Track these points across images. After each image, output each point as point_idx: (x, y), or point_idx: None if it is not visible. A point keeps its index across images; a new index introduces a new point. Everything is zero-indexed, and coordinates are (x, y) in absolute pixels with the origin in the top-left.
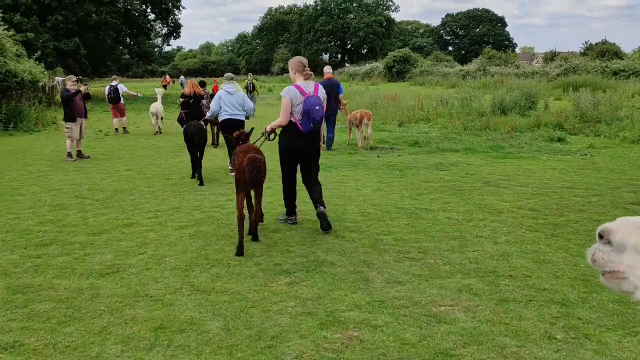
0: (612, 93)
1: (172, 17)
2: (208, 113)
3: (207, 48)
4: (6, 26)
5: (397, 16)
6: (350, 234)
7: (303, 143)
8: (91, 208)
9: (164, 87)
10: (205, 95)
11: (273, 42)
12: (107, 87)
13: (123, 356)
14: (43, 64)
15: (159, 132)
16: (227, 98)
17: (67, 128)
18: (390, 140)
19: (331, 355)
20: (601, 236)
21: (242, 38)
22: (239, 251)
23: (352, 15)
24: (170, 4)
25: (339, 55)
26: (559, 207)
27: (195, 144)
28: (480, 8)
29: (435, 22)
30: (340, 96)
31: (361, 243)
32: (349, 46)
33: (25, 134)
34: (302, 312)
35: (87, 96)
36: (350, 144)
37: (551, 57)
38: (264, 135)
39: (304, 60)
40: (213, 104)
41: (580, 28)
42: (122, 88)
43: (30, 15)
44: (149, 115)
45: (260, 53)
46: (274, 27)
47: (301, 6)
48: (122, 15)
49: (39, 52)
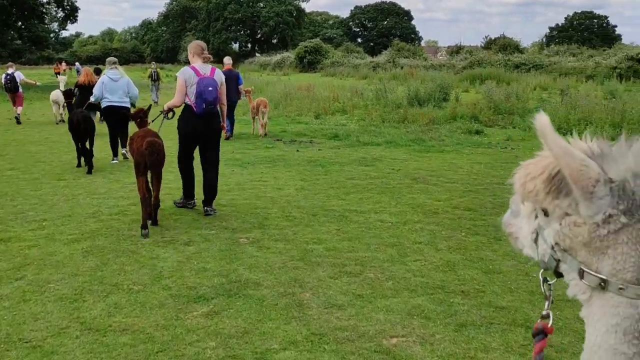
0: (517, 85)
1: (68, 0)
2: (92, 98)
3: (109, 34)
4: None
5: (307, 7)
6: (275, 245)
7: (198, 124)
8: None
9: (57, 75)
10: None
11: (180, 30)
12: (4, 76)
13: None
14: None
15: (62, 121)
16: (111, 85)
17: None
18: (308, 133)
19: None
20: None
21: (147, 25)
22: (144, 224)
23: (262, 4)
24: None
25: (249, 44)
26: (495, 206)
27: (80, 133)
28: (387, 1)
29: (344, 14)
30: (240, 87)
31: (289, 255)
32: (259, 35)
33: None
34: (226, 357)
35: None
36: (254, 134)
37: (456, 51)
38: (162, 113)
39: (203, 44)
40: (96, 89)
41: (480, 23)
42: (20, 76)
43: None
44: (50, 103)
45: (166, 41)
46: (181, 14)
47: None
48: None
49: None
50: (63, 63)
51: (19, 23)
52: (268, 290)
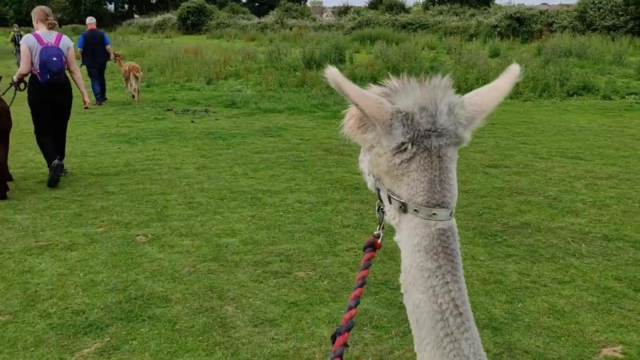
0: (406, 45)
1: None
2: None
3: None
4: None
5: None
6: (181, 241)
7: (46, 95)
8: None
9: None
10: None
11: None
12: None
13: None
14: None
15: None
16: None
17: None
18: (201, 100)
19: None
20: None
21: None
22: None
23: None
24: None
25: (126, 5)
26: None
27: None
28: None
29: None
30: (108, 47)
31: (199, 254)
32: None
33: None
34: None
35: None
36: (128, 101)
37: (344, 11)
38: (13, 85)
39: (47, 9)
40: None
41: None
42: None
43: None
44: None
45: (30, 1)
46: None
47: None
48: None
49: None
50: None
51: None
52: (179, 306)
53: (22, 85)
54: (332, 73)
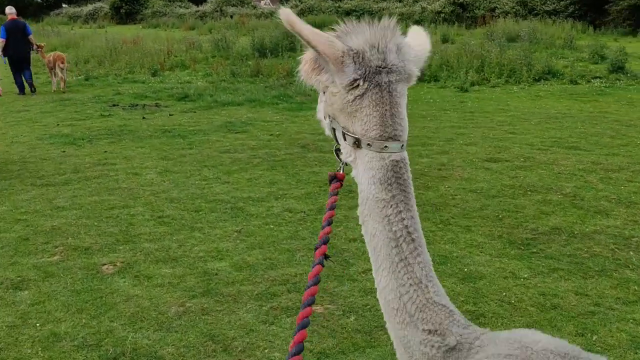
0: None
1: None
2: None
3: None
4: None
5: None
6: (158, 270)
7: None
8: None
9: None
10: None
11: None
12: None
13: None
14: None
15: None
16: None
17: None
18: (149, 94)
19: None
20: None
21: None
22: None
23: None
24: None
25: None
26: (417, 175)
27: None
28: None
29: None
30: (30, 37)
31: (186, 288)
32: None
33: None
34: None
35: None
36: (55, 91)
37: None
38: None
39: None
40: None
41: None
42: None
43: None
44: None
45: None
46: None
47: None
48: None
49: None
50: None
51: None
52: None
53: None
54: (286, 12)
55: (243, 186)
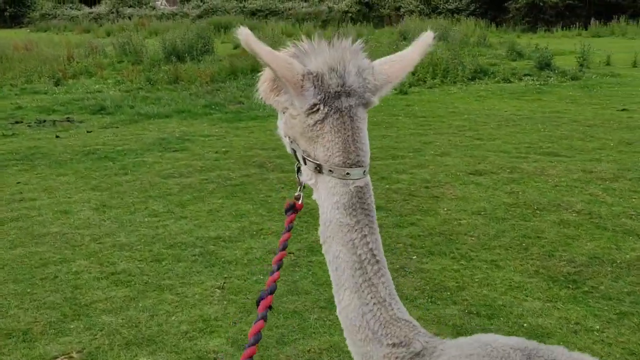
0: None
1: None
2: None
3: None
4: None
5: None
6: (134, 359)
7: None
8: None
9: None
10: None
11: None
12: None
13: None
14: None
15: None
16: None
17: None
18: (57, 107)
19: None
20: None
21: None
22: None
23: None
24: None
25: None
26: (405, 196)
27: None
28: None
29: None
30: None
31: None
32: None
33: None
34: None
35: None
36: None
37: None
38: None
39: None
40: None
41: None
42: None
43: None
44: None
45: None
46: None
47: None
48: None
49: None
50: None
51: None
52: None
53: None
54: (245, 33)
55: (205, 222)
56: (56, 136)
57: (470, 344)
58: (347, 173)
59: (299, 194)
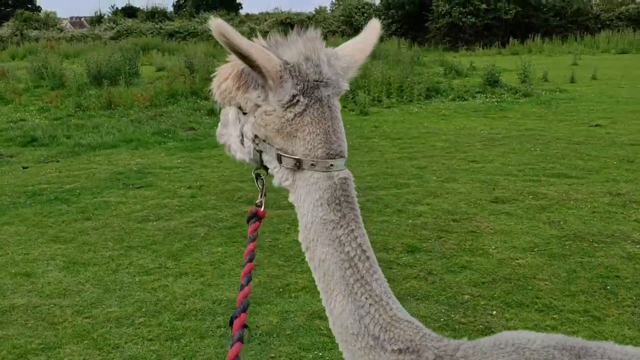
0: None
1: None
2: None
3: None
4: None
5: None
6: None
7: None
8: None
9: None
10: None
11: None
12: None
13: None
14: None
15: None
16: None
17: None
18: None
19: None
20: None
21: None
22: None
23: None
24: None
25: None
26: (437, 232)
27: None
28: None
29: None
30: None
31: None
32: None
33: None
34: None
35: None
36: None
37: (97, 20)
38: None
39: None
40: None
41: None
42: None
43: None
44: None
45: None
46: None
47: None
48: None
49: None
50: None
51: None
52: None
53: None
54: (218, 23)
55: (213, 278)
56: None
57: (500, 349)
58: (331, 165)
59: (261, 201)
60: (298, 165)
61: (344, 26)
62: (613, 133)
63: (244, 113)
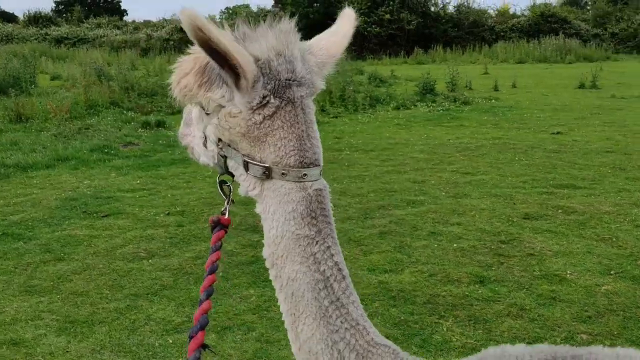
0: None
1: None
2: None
3: None
4: None
5: None
6: None
7: None
8: None
9: None
10: None
11: None
12: None
13: None
14: None
15: None
16: None
17: None
18: None
19: None
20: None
21: None
22: None
23: None
24: None
25: None
26: (495, 257)
27: None
28: None
29: None
30: None
31: None
32: None
33: None
34: None
35: None
36: None
37: None
38: None
39: None
40: None
41: None
42: None
43: None
44: None
45: None
46: None
47: None
48: None
49: None
50: None
51: None
52: None
53: None
54: (189, 13)
55: (268, 332)
56: None
57: None
58: (304, 174)
59: (226, 207)
60: (267, 173)
61: None
62: (580, 141)
63: (207, 113)
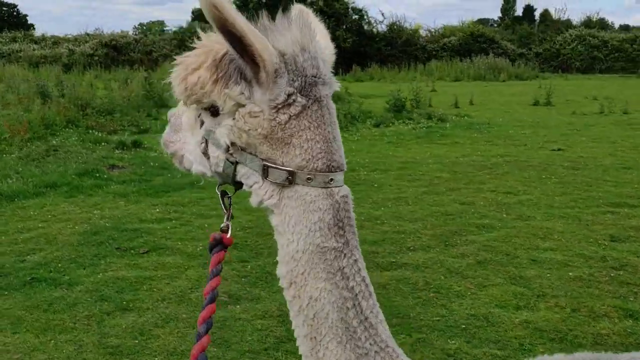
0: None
1: None
2: None
3: None
4: None
5: None
6: None
7: None
8: None
9: None
10: None
11: None
12: None
13: None
14: None
15: None
16: None
17: None
18: None
19: None
20: None
21: None
22: None
23: None
24: None
25: None
26: (629, 286)
27: None
28: None
29: None
30: None
31: None
32: None
33: None
34: None
35: None
36: None
37: None
38: None
39: None
40: None
41: None
42: None
43: None
44: None
45: None
46: None
47: None
48: None
49: None
50: None
51: None
52: None
53: None
54: None
55: None
56: None
57: None
58: (331, 179)
59: (227, 224)
60: (290, 179)
61: (177, 49)
62: (586, 157)
63: (215, 114)
